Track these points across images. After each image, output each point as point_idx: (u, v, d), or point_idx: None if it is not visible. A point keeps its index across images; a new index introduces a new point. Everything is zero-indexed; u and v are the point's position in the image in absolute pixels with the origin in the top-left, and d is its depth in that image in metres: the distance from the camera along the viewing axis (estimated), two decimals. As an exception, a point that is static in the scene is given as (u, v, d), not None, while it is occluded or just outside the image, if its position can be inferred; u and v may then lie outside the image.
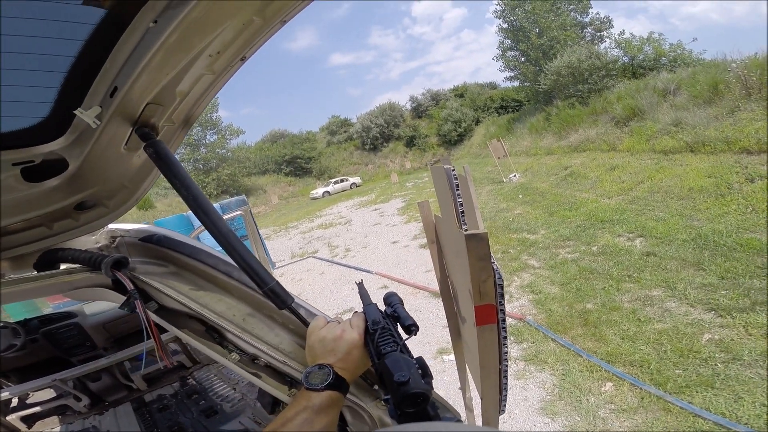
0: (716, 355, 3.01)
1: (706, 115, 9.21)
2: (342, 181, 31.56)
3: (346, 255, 9.24)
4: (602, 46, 22.56)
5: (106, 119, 0.74)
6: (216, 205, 6.21)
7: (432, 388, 0.62)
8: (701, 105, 10.00)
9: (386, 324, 0.75)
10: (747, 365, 2.83)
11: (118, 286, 1.04)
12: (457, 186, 1.32)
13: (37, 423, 2.29)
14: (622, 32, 22.09)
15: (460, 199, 1.32)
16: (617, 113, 13.44)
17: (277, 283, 0.83)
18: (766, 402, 2.47)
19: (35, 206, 0.96)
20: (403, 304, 0.82)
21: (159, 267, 1.10)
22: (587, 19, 25.16)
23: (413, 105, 42.58)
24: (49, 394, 2.26)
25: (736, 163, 6.81)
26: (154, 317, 1.03)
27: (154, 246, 1.12)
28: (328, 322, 0.81)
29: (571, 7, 24.90)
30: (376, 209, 15.56)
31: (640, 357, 3.23)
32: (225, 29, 0.65)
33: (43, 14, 0.62)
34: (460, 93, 41.14)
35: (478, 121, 35.03)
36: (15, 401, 2.23)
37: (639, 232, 5.83)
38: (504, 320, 1.18)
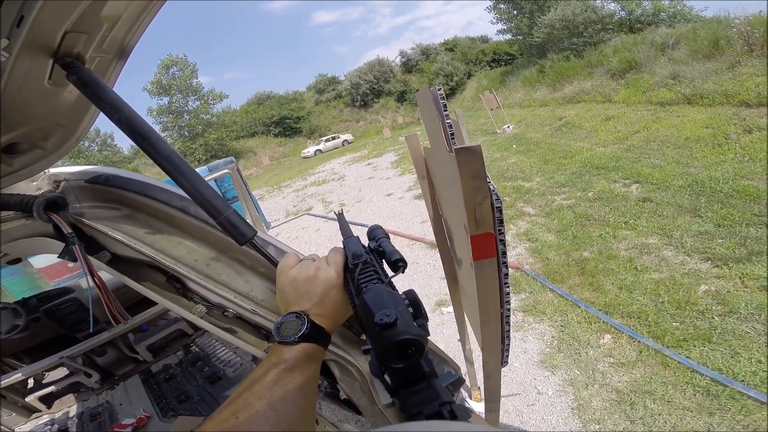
0: (713, 307, 2.95)
1: (705, 69, 8.91)
2: (333, 138, 30.71)
3: (342, 209, 9.07)
4: (597, 1, 21.73)
5: (16, 51, 0.64)
6: (203, 168, 5.91)
7: (427, 333, 0.43)
8: (700, 59, 9.68)
9: (369, 258, 0.60)
10: (743, 319, 2.77)
11: (60, 234, 0.88)
12: (445, 107, 1.09)
13: (55, 402, 2.26)
14: None
15: (449, 121, 1.09)
16: (613, 66, 12.99)
17: (234, 211, 0.69)
18: (762, 359, 2.42)
19: None
20: (389, 238, 0.66)
21: (110, 211, 0.97)
22: None
23: (403, 60, 41.02)
24: (62, 373, 2.24)
25: (734, 116, 6.59)
26: (107, 269, 0.90)
27: (103, 187, 0.97)
28: (300, 260, 0.66)
29: None
30: (369, 164, 15.19)
31: (638, 308, 3.17)
32: None
33: None
34: (450, 47, 39.47)
35: (469, 75, 33.79)
36: (31, 382, 2.20)
37: (635, 179, 5.69)
38: (504, 253, 0.99)
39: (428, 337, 0.43)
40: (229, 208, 0.68)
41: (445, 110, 1.10)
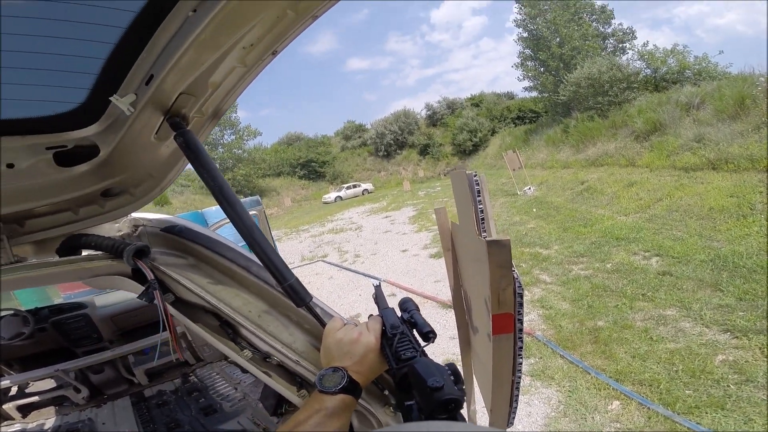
0: (729, 376, 2.98)
1: (730, 131, 9.00)
2: (354, 186, 31.73)
3: (356, 261, 9.30)
4: (624, 57, 22.25)
5: (140, 107, 0.75)
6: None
7: (465, 394, 0.63)
8: (726, 120, 9.78)
9: (404, 329, 0.75)
10: (760, 387, 2.80)
11: (137, 276, 1.03)
12: (479, 192, 1.33)
13: (32, 413, 2.29)
14: (646, 44, 21.82)
15: (481, 206, 1.33)
16: (638, 127, 13.24)
17: (297, 279, 0.83)
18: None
19: (64, 191, 0.98)
20: (419, 310, 0.82)
21: (178, 258, 1.10)
22: (609, 30, 24.87)
23: (428, 113, 42.59)
24: (49, 384, 2.26)
25: (759, 183, 6.68)
26: (170, 309, 1.01)
27: (175, 237, 1.12)
28: (345, 324, 0.80)
29: (594, 17, 24.67)
30: (387, 216, 15.63)
31: (650, 376, 3.20)
32: (260, 21, 0.66)
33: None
34: (476, 102, 41.02)
35: (494, 132, 34.81)
36: (14, 390, 2.23)
37: (655, 251, 5.76)
38: (521, 330, 1.19)
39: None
40: (293, 276, 0.82)
41: (479, 196, 1.35)
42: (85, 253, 1.09)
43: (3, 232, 0.97)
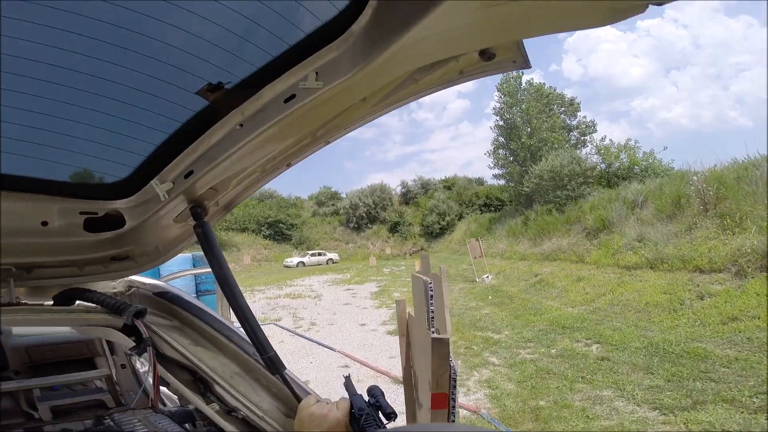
0: None
1: (667, 232, 10.08)
2: (320, 254, 31.69)
3: (311, 328, 9.21)
4: (584, 151, 24.25)
5: (174, 195, 0.84)
6: (188, 254, 6.37)
7: None
8: (664, 220, 10.90)
9: (370, 411, 0.87)
10: None
11: (127, 331, 1.13)
12: (431, 296, 1.71)
13: None
14: (603, 138, 24.05)
15: (432, 307, 1.69)
16: (588, 224, 14.44)
17: (275, 353, 0.97)
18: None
19: (81, 252, 1.08)
20: (384, 396, 0.94)
21: (164, 320, 1.23)
22: (575, 122, 27.33)
23: (403, 190, 44.41)
24: None
25: (689, 281, 7.60)
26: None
27: (165, 302, 1.25)
28: (318, 401, 0.93)
29: (563, 109, 27.12)
30: (349, 289, 15.69)
31: None
32: (288, 142, 0.80)
33: (157, 92, 0.72)
34: (449, 185, 43.31)
35: (461, 216, 36.51)
36: None
37: (596, 339, 6.33)
38: (454, 407, 1.48)
39: None
40: (272, 350, 0.95)
41: (431, 300, 1.66)
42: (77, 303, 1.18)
43: (12, 276, 1.05)
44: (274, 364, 0.97)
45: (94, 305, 1.13)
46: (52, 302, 1.15)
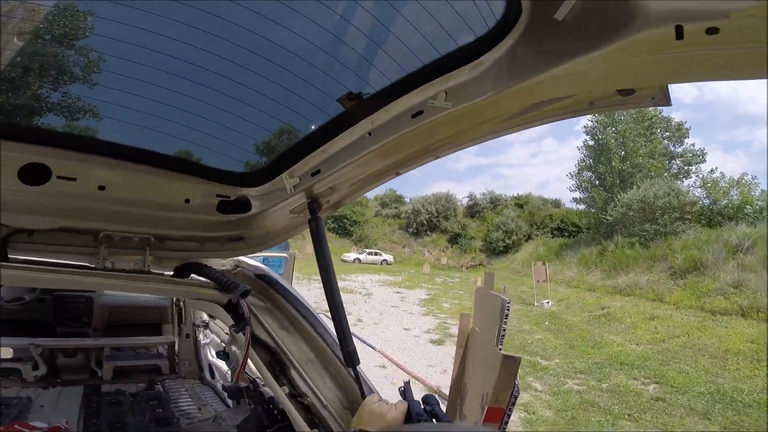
0: None
1: None
2: (376, 254, 32.25)
3: (356, 324, 9.52)
4: (686, 182, 21.40)
5: (299, 189, 0.92)
6: None
7: None
8: None
9: (427, 418, 0.94)
10: None
11: (229, 307, 1.23)
12: (507, 315, 1.79)
13: None
14: (713, 170, 21.01)
15: (505, 326, 1.77)
16: (677, 263, 13.11)
17: (354, 348, 1.06)
18: None
19: (207, 229, 1.20)
20: (439, 405, 1.01)
21: (259, 301, 1.33)
22: (680, 149, 23.85)
23: (470, 202, 43.26)
24: (6, 353, 2.22)
25: (784, 333, 6.74)
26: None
27: (263, 284, 1.36)
28: (379, 400, 1.01)
29: (667, 133, 23.73)
30: (398, 292, 15.91)
31: None
32: (408, 152, 0.85)
33: (302, 93, 0.79)
34: (521, 203, 41.23)
35: (529, 237, 34.64)
36: None
37: (656, 379, 5.86)
38: (507, 423, 1.57)
39: None
40: (353, 344, 1.04)
41: (506, 320, 1.81)
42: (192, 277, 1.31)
43: (149, 245, 1.19)
44: (351, 357, 1.05)
45: (206, 280, 1.26)
46: (172, 273, 1.29)
